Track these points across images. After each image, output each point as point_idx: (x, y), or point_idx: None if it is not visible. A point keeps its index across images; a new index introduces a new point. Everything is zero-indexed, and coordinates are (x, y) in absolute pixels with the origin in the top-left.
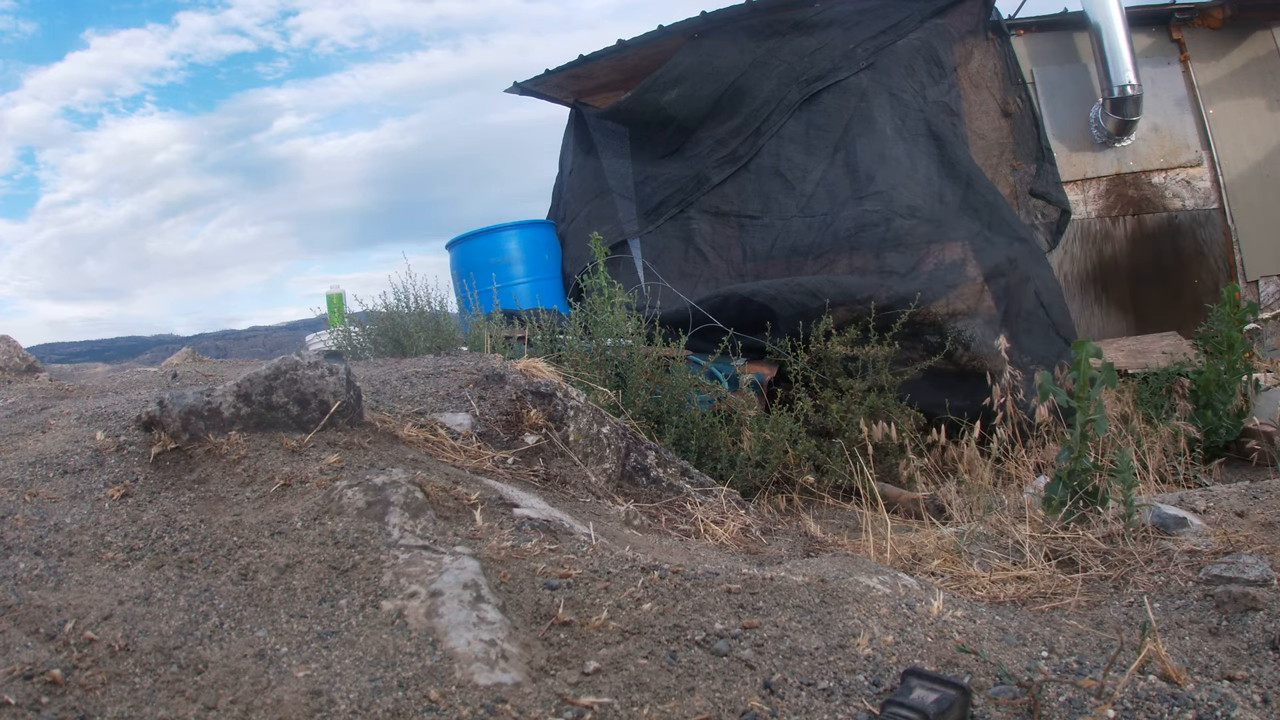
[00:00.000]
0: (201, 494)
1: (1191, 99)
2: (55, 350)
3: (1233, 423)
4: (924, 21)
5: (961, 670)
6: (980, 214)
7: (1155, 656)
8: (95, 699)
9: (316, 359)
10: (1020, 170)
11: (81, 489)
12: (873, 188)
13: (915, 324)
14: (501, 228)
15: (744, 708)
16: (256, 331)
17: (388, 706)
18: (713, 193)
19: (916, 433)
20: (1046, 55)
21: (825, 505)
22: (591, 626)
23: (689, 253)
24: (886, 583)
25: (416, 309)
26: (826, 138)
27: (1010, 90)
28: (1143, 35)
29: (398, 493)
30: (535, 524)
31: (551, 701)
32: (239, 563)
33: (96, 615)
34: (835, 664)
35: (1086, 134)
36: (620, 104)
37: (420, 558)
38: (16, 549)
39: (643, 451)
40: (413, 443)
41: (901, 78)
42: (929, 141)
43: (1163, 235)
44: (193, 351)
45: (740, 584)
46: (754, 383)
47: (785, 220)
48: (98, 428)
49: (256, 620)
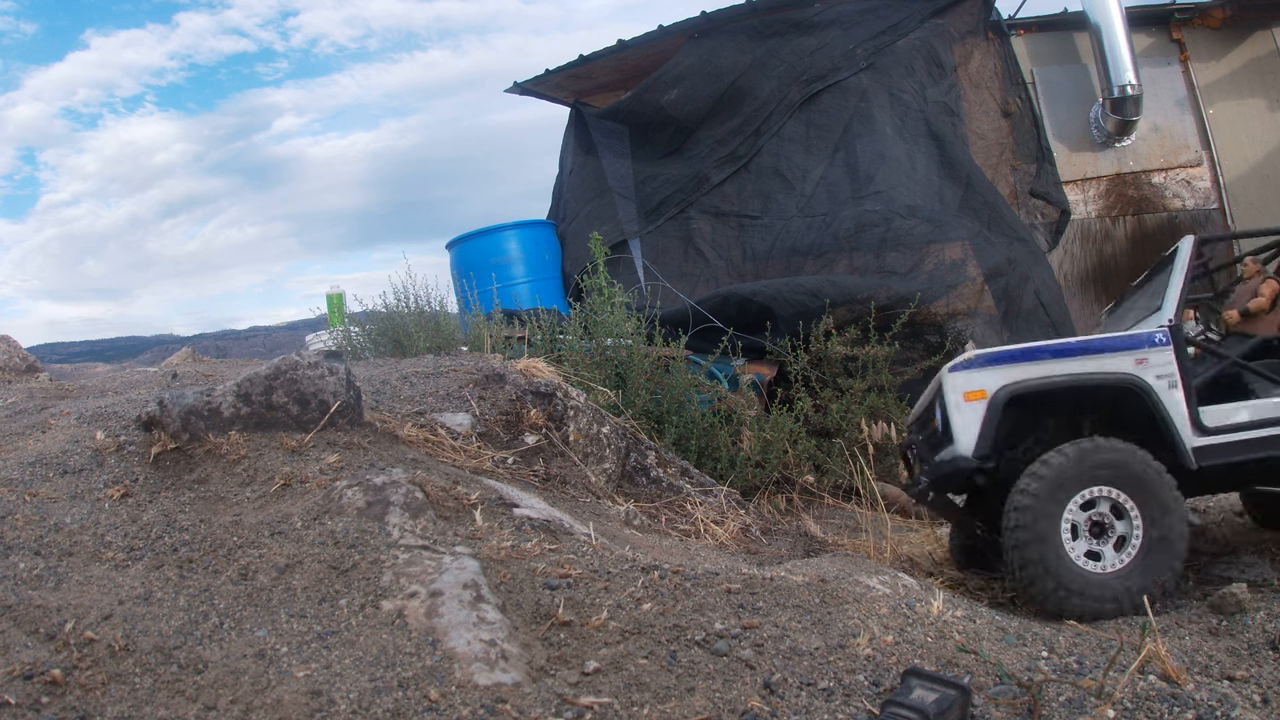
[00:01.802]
0: (201, 494)
1: (1191, 99)
2: (55, 350)
3: None
4: (924, 21)
5: (961, 670)
6: (980, 214)
7: (1155, 656)
8: (95, 699)
9: (316, 359)
10: (1020, 170)
11: (81, 489)
12: (873, 188)
13: (915, 324)
14: (501, 228)
15: (744, 708)
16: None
17: (388, 706)
18: (713, 193)
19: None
20: (1046, 55)
21: (825, 505)
22: (591, 626)
23: (689, 253)
24: (886, 583)
25: (416, 309)
26: (826, 138)
27: (1010, 90)
28: (1143, 35)
29: (398, 493)
30: (535, 524)
31: (551, 701)
32: (239, 563)
33: (96, 615)
34: (835, 664)
35: (1086, 134)
36: (620, 104)
37: (420, 558)
38: (16, 549)
39: (643, 451)
40: (413, 443)
41: (901, 78)
42: (929, 141)
43: (1163, 235)
44: (193, 351)
45: (740, 584)
46: (754, 383)
47: (785, 220)
48: (98, 428)
49: (256, 620)
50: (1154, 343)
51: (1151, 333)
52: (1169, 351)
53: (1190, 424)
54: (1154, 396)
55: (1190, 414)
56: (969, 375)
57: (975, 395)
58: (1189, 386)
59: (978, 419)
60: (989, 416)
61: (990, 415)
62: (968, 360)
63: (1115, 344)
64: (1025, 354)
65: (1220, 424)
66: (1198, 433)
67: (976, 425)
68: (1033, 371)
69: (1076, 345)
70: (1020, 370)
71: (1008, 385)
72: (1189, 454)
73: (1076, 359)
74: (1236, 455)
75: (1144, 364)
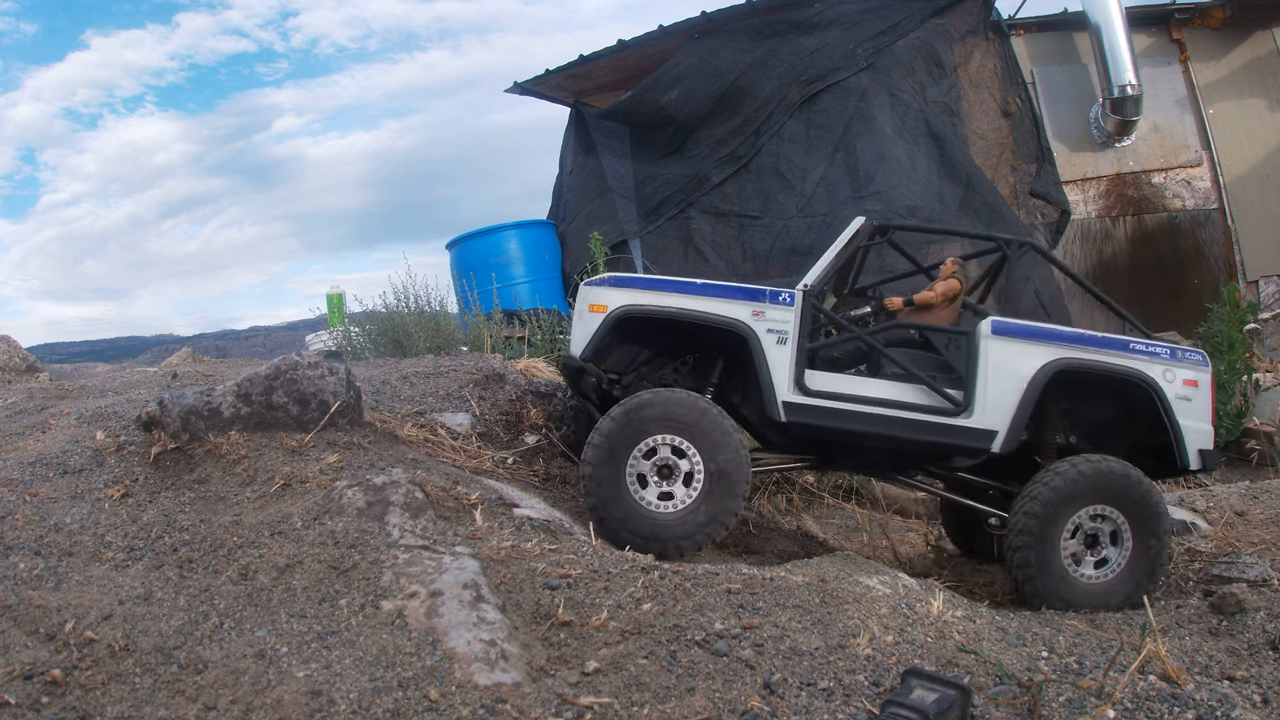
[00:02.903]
0: (201, 494)
1: (1191, 99)
2: (55, 350)
3: (1233, 423)
4: (924, 21)
5: (961, 670)
6: (980, 214)
7: (1155, 656)
8: (95, 699)
9: (316, 359)
10: (1020, 170)
11: (81, 489)
12: (873, 188)
13: None
14: (501, 228)
15: (744, 708)
16: (256, 331)
17: (388, 706)
18: (713, 193)
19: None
20: (1046, 55)
21: (825, 505)
22: (591, 626)
23: (689, 252)
24: (886, 583)
25: (416, 309)
26: (826, 138)
27: (1010, 90)
28: (1143, 35)
29: (398, 493)
30: (535, 524)
31: (551, 701)
32: (239, 563)
33: (96, 615)
34: (835, 664)
35: (1086, 134)
36: (620, 104)
37: (420, 558)
38: (16, 549)
39: None
40: (413, 443)
41: (901, 78)
42: (929, 141)
43: (1163, 235)
44: (193, 351)
45: (740, 584)
46: None
47: (785, 220)
48: (98, 428)
49: (256, 620)
50: (776, 300)
51: (778, 290)
52: (790, 311)
53: (794, 382)
54: (756, 346)
55: (796, 372)
56: (598, 291)
57: (598, 308)
58: (801, 347)
59: (592, 328)
60: (600, 328)
61: (602, 327)
62: (600, 279)
63: (737, 293)
64: (651, 283)
65: (820, 389)
66: (798, 391)
67: (589, 333)
68: (651, 299)
69: (701, 286)
70: (641, 296)
71: (625, 306)
72: (778, 407)
73: (696, 298)
74: (815, 419)
75: (760, 316)
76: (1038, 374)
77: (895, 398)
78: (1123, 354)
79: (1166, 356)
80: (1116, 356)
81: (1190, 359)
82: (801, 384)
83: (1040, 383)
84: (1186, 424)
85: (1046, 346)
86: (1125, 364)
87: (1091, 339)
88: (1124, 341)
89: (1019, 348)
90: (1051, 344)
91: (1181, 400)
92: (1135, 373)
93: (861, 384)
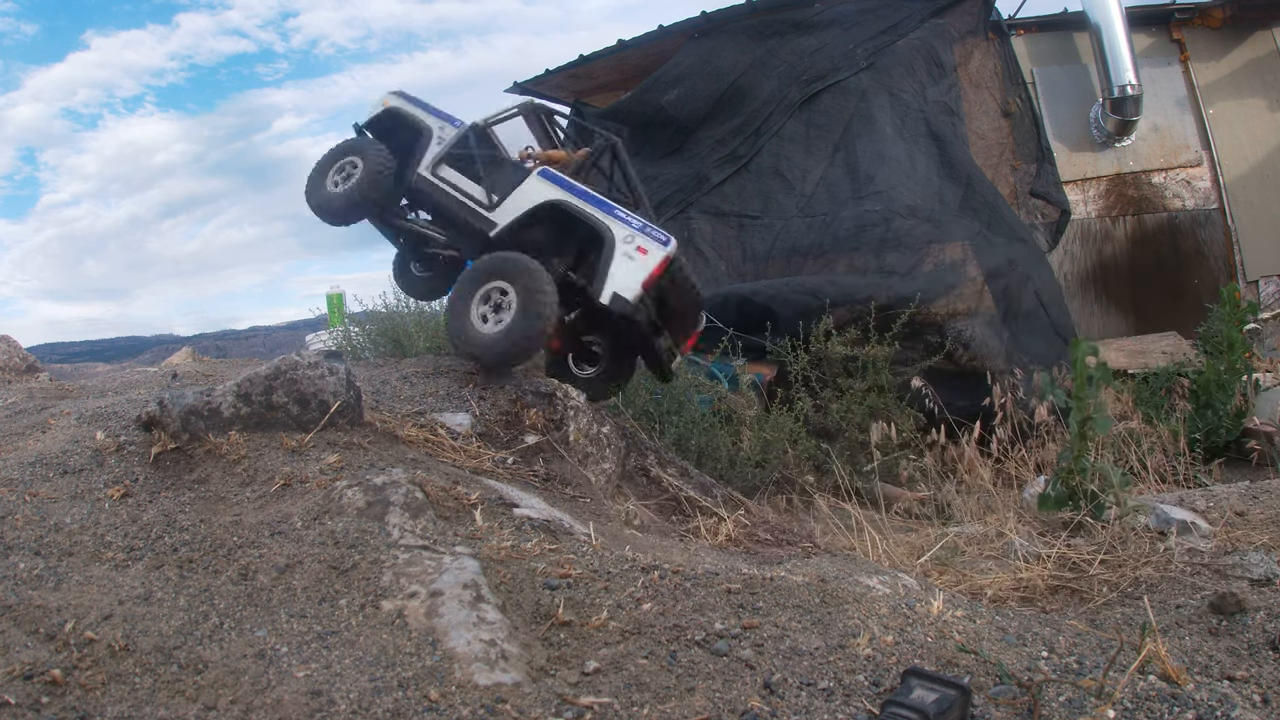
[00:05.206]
0: (201, 494)
1: (1191, 99)
2: (55, 350)
3: (1233, 423)
4: (924, 21)
5: (961, 670)
6: (980, 214)
7: (1155, 656)
8: (95, 699)
9: (316, 359)
10: (1020, 170)
11: (81, 489)
12: (873, 188)
13: (915, 324)
14: None
15: (744, 708)
16: (256, 331)
17: (388, 706)
18: (713, 193)
19: (916, 433)
20: (1046, 55)
21: (825, 505)
22: (591, 626)
23: (689, 253)
24: (886, 583)
25: (416, 309)
26: (826, 138)
27: (1010, 90)
28: (1143, 35)
29: (398, 493)
30: (535, 524)
31: (551, 701)
32: (239, 563)
33: (96, 615)
34: (835, 664)
35: (1086, 134)
36: (620, 104)
37: (420, 558)
38: (16, 549)
39: (643, 451)
40: (413, 443)
41: (901, 78)
42: (929, 141)
43: (1163, 235)
44: (193, 351)
45: (740, 584)
46: (754, 383)
47: (785, 220)
48: (98, 428)
49: (256, 620)
50: (453, 123)
51: (454, 119)
52: (453, 130)
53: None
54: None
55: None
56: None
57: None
58: (445, 154)
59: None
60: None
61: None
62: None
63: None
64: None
65: (443, 177)
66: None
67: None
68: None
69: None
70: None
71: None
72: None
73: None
74: (432, 192)
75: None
76: (542, 203)
77: (471, 192)
78: (601, 211)
79: (636, 227)
80: (596, 210)
81: (653, 235)
82: (435, 172)
83: (538, 206)
84: (616, 271)
85: (557, 190)
86: (598, 216)
87: (589, 196)
88: (611, 206)
89: (543, 186)
90: (560, 189)
91: (624, 257)
92: (600, 224)
93: (464, 181)
